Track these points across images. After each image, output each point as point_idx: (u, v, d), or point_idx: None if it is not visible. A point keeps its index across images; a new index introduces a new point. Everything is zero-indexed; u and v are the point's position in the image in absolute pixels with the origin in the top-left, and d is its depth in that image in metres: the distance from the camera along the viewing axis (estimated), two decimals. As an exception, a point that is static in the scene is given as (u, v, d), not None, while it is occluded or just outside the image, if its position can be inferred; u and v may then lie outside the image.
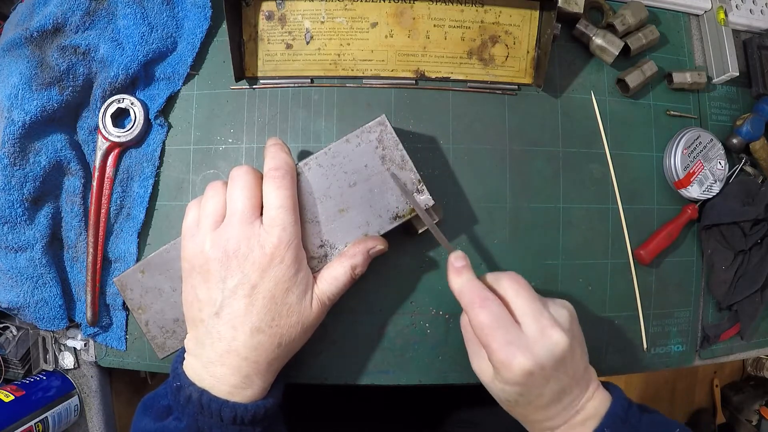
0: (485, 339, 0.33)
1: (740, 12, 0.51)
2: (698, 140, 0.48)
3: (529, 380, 0.33)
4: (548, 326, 0.33)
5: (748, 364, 1.30)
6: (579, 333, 0.37)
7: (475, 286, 0.35)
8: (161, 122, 0.44)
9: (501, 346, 0.33)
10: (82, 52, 0.42)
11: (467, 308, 0.35)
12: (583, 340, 0.37)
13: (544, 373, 0.33)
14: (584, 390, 0.35)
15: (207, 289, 0.34)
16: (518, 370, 0.32)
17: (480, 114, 0.46)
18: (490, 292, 0.35)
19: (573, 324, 0.36)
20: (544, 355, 0.32)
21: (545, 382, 0.33)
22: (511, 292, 0.35)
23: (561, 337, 0.33)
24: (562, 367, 0.33)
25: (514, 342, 0.33)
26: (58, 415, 0.45)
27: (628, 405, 0.35)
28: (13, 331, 0.47)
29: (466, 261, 0.36)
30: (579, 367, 0.35)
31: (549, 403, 0.34)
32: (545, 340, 0.33)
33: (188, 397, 0.32)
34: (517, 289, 0.35)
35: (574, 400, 0.35)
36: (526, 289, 0.35)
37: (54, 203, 0.43)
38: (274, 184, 0.34)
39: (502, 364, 0.33)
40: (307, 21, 0.44)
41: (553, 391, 0.34)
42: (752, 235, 0.49)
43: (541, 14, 0.45)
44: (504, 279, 0.36)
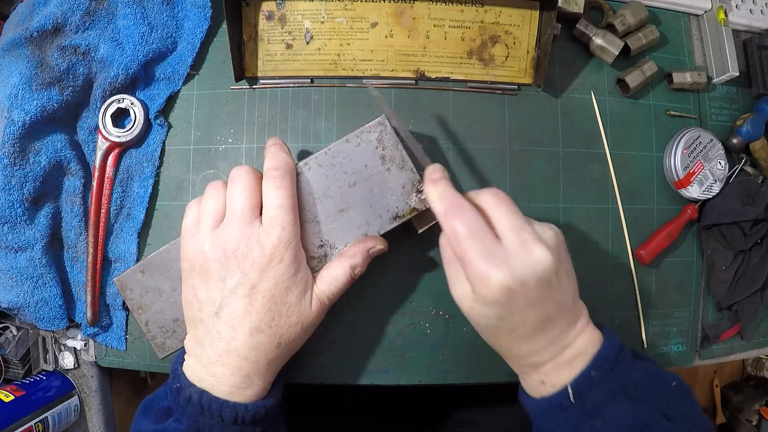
0: (460, 251, 0.31)
1: (740, 12, 0.51)
2: (698, 140, 0.48)
3: (508, 299, 0.30)
4: (530, 241, 0.31)
5: (748, 364, 1.30)
6: (567, 259, 0.34)
7: (452, 196, 0.32)
8: (161, 122, 0.44)
9: (477, 257, 0.30)
10: (82, 52, 0.42)
11: (442, 219, 0.32)
12: (571, 269, 0.34)
13: (526, 293, 0.30)
14: (572, 324, 0.33)
15: (206, 289, 0.34)
16: (496, 285, 0.30)
17: (480, 114, 0.46)
18: (466, 202, 0.32)
19: (560, 247, 0.33)
20: (525, 272, 0.30)
21: (527, 304, 0.31)
22: (490, 205, 0.32)
23: (544, 254, 0.30)
24: (546, 290, 0.31)
25: (491, 254, 0.30)
26: (58, 415, 0.45)
27: (620, 348, 0.33)
28: (13, 331, 0.47)
29: (444, 173, 0.34)
30: (566, 296, 0.33)
31: (533, 331, 0.32)
32: (526, 255, 0.30)
33: (188, 398, 0.32)
34: (496, 201, 0.32)
35: (561, 334, 0.32)
36: (507, 203, 0.32)
37: (54, 203, 0.43)
38: (274, 184, 0.34)
39: (479, 279, 0.30)
40: (307, 21, 0.44)
41: (536, 317, 0.31)
42: (752, 235, 0.49)
43: (541, 14, 0.45)
44: (485, 193, 0.33)
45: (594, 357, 0.33)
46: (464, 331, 0.45)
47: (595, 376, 0.32)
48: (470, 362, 0.45)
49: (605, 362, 0.32)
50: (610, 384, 0.32)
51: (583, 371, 0.32)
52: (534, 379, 0.34)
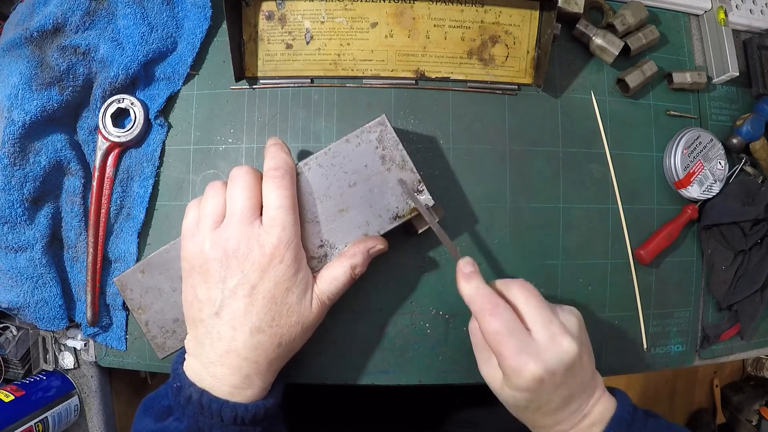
0: (497, 346, 0.33)
1: (740, 12, 0.51)
2: (698, 140, 0.48)
3: (539, 387, 0.33)
4: (558, 334, 0.33)
5: (748, 364, 1.30)
6: (587, 339, 0.37)
7: (486, 293, 0.35)
8: (161, 122, 0.44)
9: (513, 353, 0.33)
10: (82, 52, 0.42)
11: (478, 315, 0.34)
12: (590, 347, 0.37)
13: (555, 380, 0.33)
14: (591, 395, 0.35)
15: (207, 289, 0.34)
16: (529, 376, 0.32)
17: (480, 114, 0.46)
18: (500, 299, 0.34)
19: (581, 331, 0.36)
20: (555, 363, 0.33)
21: (555, 388, 0.33)
22: (521, 299, 0.35)
23: (571, 345, 0.33)
24: (571, 374, 0.33)
25: (526, 349, 0.33)
26: (58, 415, 0.45)
27: (633, 409, 0.36)
28: (13, 331, 0.47)
29: (475, 267, 0.36)
30: (587, 373, 0.35)
31: (557, 408, 0.34)
32: (555, 348, 0.33)
33: (188, 397, 0.32)
34: (527, 296, 0.35)
35: (582, 405, 0.35)
36: (535, 297, 0.35)
37: (54, 203, 0.43)
38: (274, 184, 0.34)
39: (514, 371, 0.33)
40: (307, 21, 0.44)
41: (561, 397, 0.34)
42: (752, 235, 0.49)
43: (541, 14, 0.45)
44: (514, 286, 0.36)
45: (611, 419, 0.35)
46: (464, 331, 0.44)
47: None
48: (470, 362, 0.44)
49: (622, 423, 0.35)
50: None
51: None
52: None
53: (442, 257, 0.45)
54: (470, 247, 0.45)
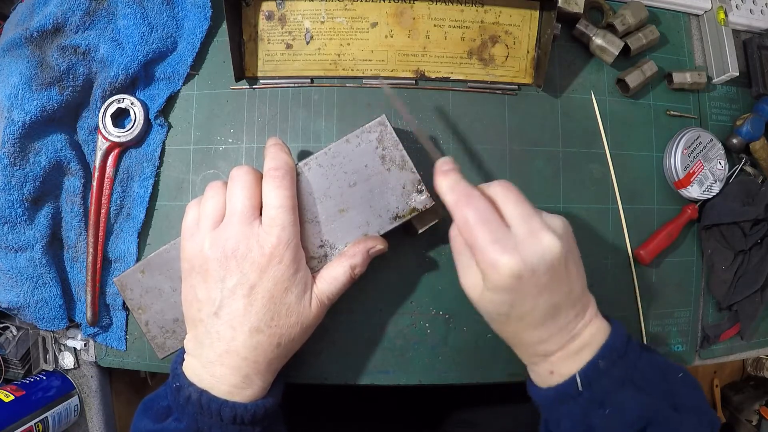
0: (471, 239, 0.31)
1: (740, 12, 0.51)
2: (698, 140, 0.48)
3: (518, 285, 0.31)
4: (539, 229, 0.31)
5: (748, 364, 1.30)
6: (575, 249, 0.35)
7: (463, 186, 0.33)
8: (161, 122, 0.44)
9: (487, 244, 0.31)
10: (82, 52, 0.42)
11: (452, 208, 0.33)
12: (579, 259, 0.35)
13: (535, 279, 0.31)
14: (581, 314, 0.33)
15: (206, 289, 0.34)
16: (506, 270, 0.30)
17: (480, 114, 0.46)
18: (477, 191, 0.33)
19: (568, 236, 0.34)
20: (535, 259, 0.30)
21: (537, 291, 0.31)
22: (500, 195, 0.33)
23: (553, 241, 0.31)
24: (555, 278, 0.31)
25: (501, 240, 0.31)
26: (58, 415, 0.45)
27: (628, 339, 0.34)
28: (13, 331, 0.47)
29: (453, 164, 0.35)
30: (575, 285, 0.33)
31: (542, 319, 0.32)
32: (535, 243, 0.31)
33: (188, 397, 0.32)
34: (506, 192, 0.33)
35: (570, 323, 0.33)
36: (516, 194, 0.33)
37: (54, 203, 0.43)
38: (274, 184, 0.34)
39: (489, 265, 0.31)
40: (307, 21, 0.44)
41: (546, 304, 0.32)
42: (752, 235, 0.49)
43: (541, 14, 0.45)
44: (494, 184, 0.34)
45: (602, 347, 0.33)
46: (464, 331, 0.45)
47: (603, 365, 0.32)
48: (470, 362, 0.45)
49: (613, 352, 0.33)
50: (617, 373, 0.32)
51: (591, 361, 0.33)
52: (543, 369, 0.35)
53: (442, 257, 0.45)
54: (470, 247, 0.45)
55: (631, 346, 0.34)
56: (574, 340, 0.33)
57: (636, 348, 0.34)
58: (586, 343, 0.33)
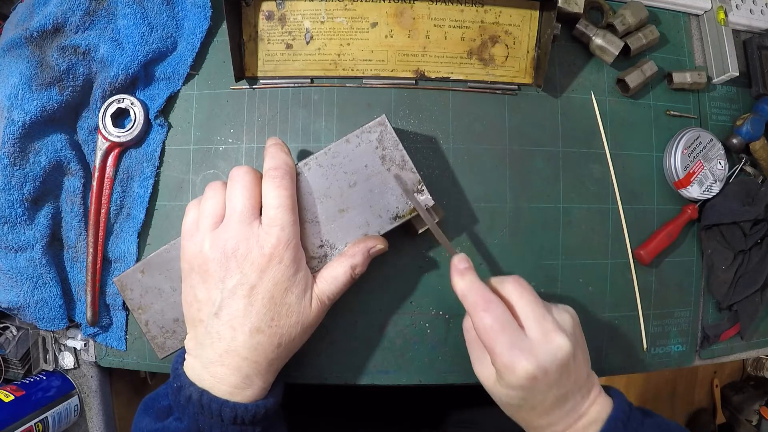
0: (489, 342, 0.33)
1: (740, 12, 0.51)
2: (698, 140, 0.48)
3: (532, 384, 0.32)
4: (552, 331, 0.33)
5: (748, 364, 1.30)
6: (582, 338, 0.37)
7: (480, 289, 0.34)
8: (161, 122, 0.44)
9: (505, 349, 0.32)
10: (82, 52, 0.42)
11: (471, 311, 0.34)
12: (585, 346, 0.37)
13: (548, 378, 0.32)
14: (586, 395, 0.35)
15: (206, 289, 0.34)
16: (522, 373, 0.32)
17: (480, 114, 0.46)
18: (494, 295, 0.34)
19: (576, 329, 0.36)
20: (548, 360, 0.32)
21: (548, 387, 0.33)
22: (515, 296, 0.35)
23: (564, 342, 0.33)
24: (565, 372, 0.33)
25: (518, 345, 0.32)
26: (58, 415, 0.45)
27: (630, 409, 0.35)
28: (13, 331, 0.47)
29: (469, 263, 0.36)
30: (581, 372, 0.35)
31: (552, 407, 0.34)
32: (549, 345, 0.33)
33: (188, 397, 0.32)
34: (521, 292, 0.35)
35: (577, 405, 0.35)
36: (529, 293, 0.35)
37: (54, 203, 0.43)
38: (274, 184, 0.34)
39: (506, 368, 0.32)
40: (307, 21, 0.44)
41: (556, 396, 0.33)
42: (752, 235, 0.49)
43: (541, 14, 0.45)
44: (508, 282, 0.36)
45: (606, 420, 0.34)
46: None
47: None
48: (470, 362, 0.45)
49: (618, 423, 0.34)
50: None
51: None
52: None
53: (442, 257, 0.45)
54: (470, 247, 0.45)
55: (633, 415, 0.35)
56: (581, 419, 0.35)
57: (638, 416, 0.35)
58: (593, 420, 0.35)
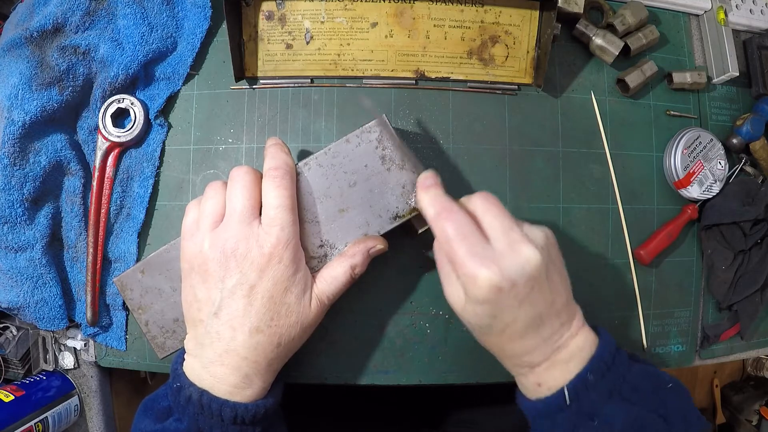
0: (450, 252, 0.31)
1: (740, 12, 0.51)
2: (698, 140, 0.48)
3: (498, 297, 0.31)
4: (518, 241, 0.31)
5: (748, 364, 1.30)
6: (559, 260, 0.35)
7: (442, 199, 0.33)
8: (161, 122, 0.44)
9: (466, 257, 0.31)
10: (82, 52, 0.42)
11: (433, 223, 0.33)
12: (564, 270, 0.35)
13: (516, 292, 0.31)
14: (566, 324, 0.33)
15: (206, 289, 0.34)
16: (485, 283, 0.30)
17: (480, 114, 0.46)
18: (456, 205, 0.33)
19: (551, 248, 0.34)
20: (514, 271, 0.30)
21: (518, 303, 0.31)
22: (481, 209, 0.33)
23: (532, 253, 0.31)
24: (536, 288, 0.31)
25: (480, 253, 0.31)
26: (58, 415, 0.45)
27: (616, 350, 0.34)
28: (13, 331, 0.47)
29: (437, 179, 0.35)
30: (558, 295, 0.33)
31: (524, 330, 0.32)
32: (515, 255, 0.31)
33: (188, 397, 0.32)
34: (487, 205, 0.33)
35: (554, 334, 0.33)
36: (496, 206, 0.33)
37: (54, 203, 0.43)
38: (274, 184, 0.34)
39: (468, 278, 0.31)
40: (307, 21, 0.44)
41: (527, 316, 0.32)
42: (752, 235, 0.49)
43: (541, 14, 0.45)
44: (475, 196, 0.34)
45: (590, 359, 0.33)
46: (464, 331, 0.44)
47: (591, 377, 0.32)
48: (470, 362, 0.45)
49: (601, 364, 0.33)
50: (606, 386, 0.32)
51: (579, 373, 0.32)
52: (530, 381, 0.35)
53: (442, 257, 0.45)
54: (470, 247, 0.45)
55: (620, 357, 0.33)
56: (561, 351, 0.33)
57: (625, 359, 0.34)
58: (573, 355, 0.33)
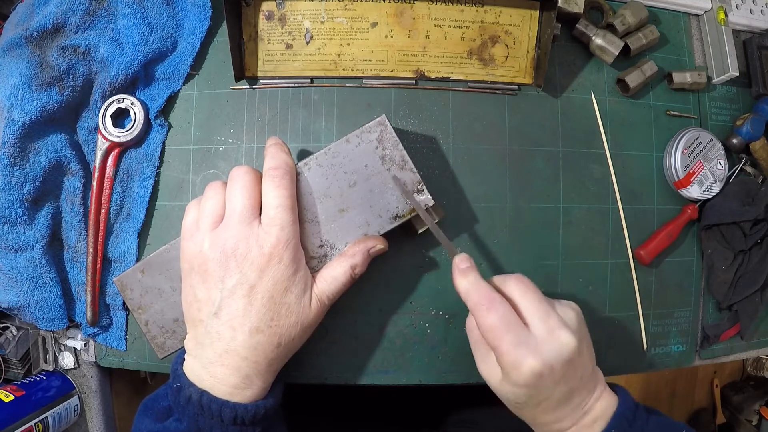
0: (494, 341, 0.33)
1: (740, 12, 0.51)
2: (698, 140, 0.48)
3: (538, 382, 0.32)
4: (556, 327, 0.33)
5: (748, 364, 1.30)
6: (586, 334, 0.37)
7: (482, 287, 0.34)
8: (161, 122, 0.44)
9: (510, 347, 0.32)
10: (82, 52, 0.42)
11: (474, 310, 0.34)
12: (590, 342, 0.37)
13: (554, 375, 0.32)
14: (592, 391, 0.35)
15: (206, 289, 0.34)
16: (528, 371, 0.32)
17: (480, 114, 0.46)
18: (497, 294, 0.34)
19: (580, 325, 0.36)
20: (553, 357, 0.32)
21: (554, 384, 0.33)
22: (517, 294, 0.35)
23: (569, 338, 0.33)
24: (570, 369, 0.33)
25: (524, 343, 0.32)
26: (58, 415, 0.45)
27: (635, 406, 0.35)
28: (13, 331, 0.47)
29: (471, 262, 0.36)
30: (587, 368, 0.35)
31: (558, 404, 0.34)
32: (554, 342, 0.33)
33: (188, 397, 0.32)
34: (524, 290, 0.35)
35: (583, 402, 0.35)
36: (533, 291, 0.35)
37: (54, 203, 0.43)
38: (274, 184, 0.34)
39: (512, 366, 0.32)
40: (307, 21, 0.44)
41: (561, 392, 0.33)
42: (752, 235, 0.49)
43: (541, 14, 0.45)
44: (511, 280, 0.36)
45: (612, 417, 0.34)
46: (464, 331, 0.44)
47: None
48: (470, 362, 0.44)
49: (623, 420, 0.34)
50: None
51: (604, 430, 0.34)
52: None
53: (442, 257, 0.45)
54: (470, 247, 0.45)
55: (639, 412, 0.35)
56: (587, 415, 0.35)
57: (643, 413, 0.35)
58: (598, 416, 0.35)
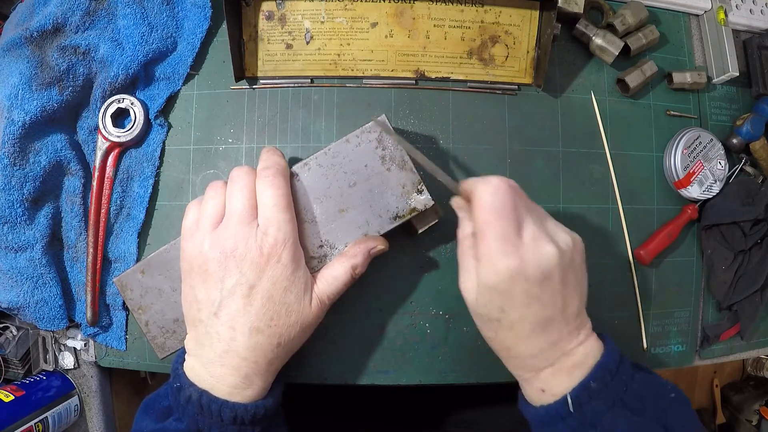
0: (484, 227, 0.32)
1: (740, 12, 0.51)
2: (698, 140, 0.48)
3: (510, 286, 0.31)
4: (542, 238, 0.32)
5: (748, 364, 1.30)
6: (581, 268, 0.35)
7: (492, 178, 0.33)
8: (161, 122, 0.44)
9: (496, 240, 0.31)
10: (82, 52, 0.42)
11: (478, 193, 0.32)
12: (583, 280, 0.35)
13: (528, 285, 0.31)
14: (574, 332, 0.33)
15: (205, 289, 0.34)
16: (503, 268, 0.31)
17: (480, 114, 0.46)
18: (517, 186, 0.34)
19: (574, 253, 0.34)
20: (530, 263, 0.31)
21: (528, 299, 0.31)
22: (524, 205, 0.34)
23: (552, 251, 0.32)
24: (548, 288, 0.32)
25: (509, 240, 0.31)
26: (58, 415, 0.45)
27: (621, 359, 0.34)
28: (13, 331, 0.47)
29: None
30: (571, 302, 0.33)
31: (532, 330, 0.32)
32: (535, 249, 0.31)
33: (188, 397, 0.32)
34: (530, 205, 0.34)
35: (562, 340, 0.33)
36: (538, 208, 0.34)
37: (54, 203, 0.43)
38: (266, 183, 0.34)
39: (489, 260, 0.31)
40: (307, 21, 0.44)
41: (537, 315, 0.32)
42: (752, 235, 0.49)
43: (541, 14, 0.45)
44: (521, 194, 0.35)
45: (594, 367, 0.33)
46: (464, 331, 0.44)
47: (595, 386, 0.32)
48: (470, 362, 0.45)
49: (605, 372, 0.32)
50: (609, 394, 0.32)
51: (583, 381, 0.32)
52: (534, 387, 0.35)
53: (442, 257, 0.45)
54: (470, 247, 0.45)
55: (624, 366, 0.34)
56: (566, 357, 0.33)
57: (628, 368, 0.34)
58: (579, 363, 0.33)
